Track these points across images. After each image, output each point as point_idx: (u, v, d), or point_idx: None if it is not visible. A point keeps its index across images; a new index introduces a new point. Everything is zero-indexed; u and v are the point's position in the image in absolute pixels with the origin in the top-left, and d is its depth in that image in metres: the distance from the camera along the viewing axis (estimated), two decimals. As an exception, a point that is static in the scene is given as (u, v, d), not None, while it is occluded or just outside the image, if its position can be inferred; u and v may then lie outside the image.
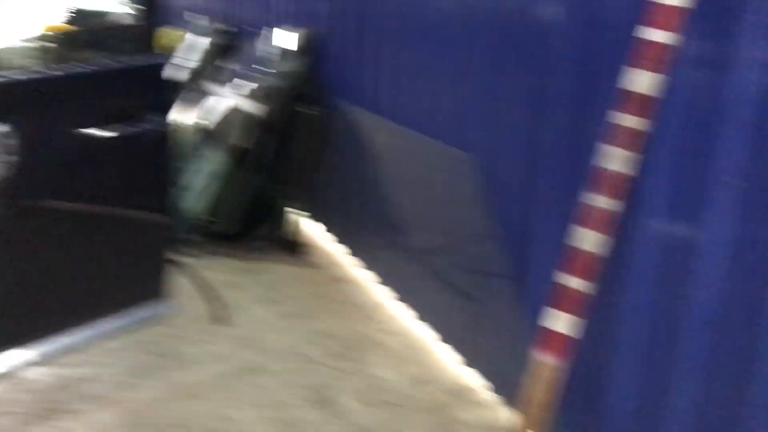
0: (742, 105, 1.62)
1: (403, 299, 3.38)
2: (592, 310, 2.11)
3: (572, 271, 1.81)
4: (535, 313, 2.19)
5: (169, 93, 2.28)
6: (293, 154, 3.98)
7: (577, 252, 1.82)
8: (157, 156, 2.27)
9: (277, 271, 3.88)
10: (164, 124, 2.25)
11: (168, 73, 5.58)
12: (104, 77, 2.17)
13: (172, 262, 2.46)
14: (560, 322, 1.83)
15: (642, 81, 1.70)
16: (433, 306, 3.10)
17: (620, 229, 1.93)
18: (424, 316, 3.20)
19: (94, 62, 2.21)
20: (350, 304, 3.53)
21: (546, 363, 1.84)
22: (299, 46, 3.95)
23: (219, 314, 3.31)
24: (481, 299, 2.71)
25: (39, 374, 2.71)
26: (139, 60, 2.24)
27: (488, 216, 2.57)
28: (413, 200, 3.18)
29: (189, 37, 5.74)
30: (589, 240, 1.79)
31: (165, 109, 2.26)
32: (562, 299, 1.84)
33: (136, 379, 2.79)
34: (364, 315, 3.41)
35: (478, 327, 2.77)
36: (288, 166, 4.02)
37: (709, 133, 1.70)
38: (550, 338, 1.84)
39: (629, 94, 1.74)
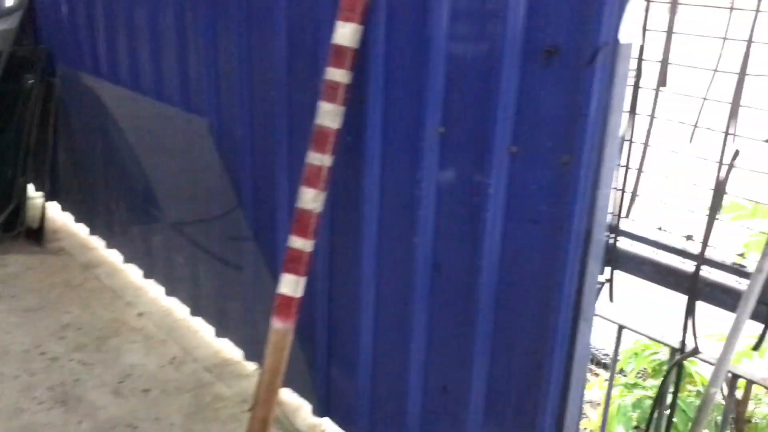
0: (438, 54, 1.65)
1: (152, 275, 3.18)
2: (330, 267, 2.11)
3: (295, 232, 1.76)
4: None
5: None
6: (19, 130, 3.55)
7: (298, 212, 1.78)
8: None
9: (16, 262, 3.47)
10: None
11: None
12: None
13: None
14: (286, 284, 1.78)
15: (343, 33, 1.66)
16: (183, 279, 2.94)
17: (344, 182, 1.92)
18: (175, 291, 3.03)
19: None
20: (103, 290, 3.25)
21: (276, 327, 1.78)
22: (11, 7, 3.51)
23: (-61, 320, 2.89)
24: (228, 266, 2.61)
25: None
26: None
27: (228, 181, 2.46)
28: (151, 170, 2.98)
29: None
30: (307, 198, 1.75)
31: None
32: (287, 261, 1.79)
33: None
34: (118, 300, 3.17)
35: (228, 295, 2.67)
36: (15, 143, 3.58)
37: (414, 83, 1.72)
38: (279, 302, 1.78)
39: (333, 48, 1.70)
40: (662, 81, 1.48)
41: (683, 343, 1.50)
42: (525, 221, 1.59)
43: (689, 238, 1.50)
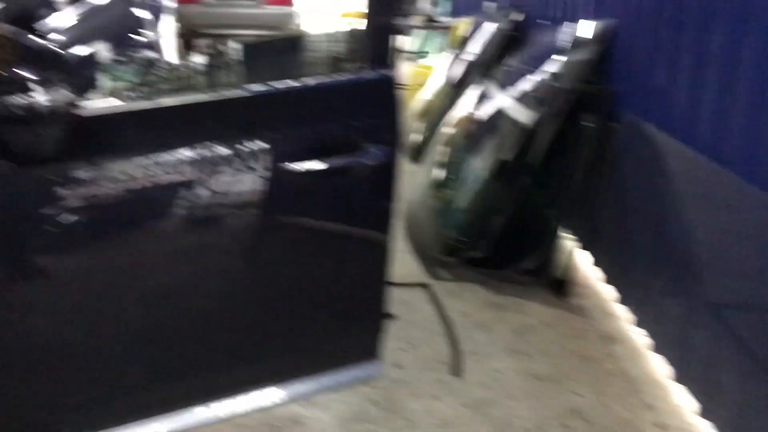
0: None
1: (683, 379, 2.54)
2: None
3: None
4: None
5: (398, 115, 1.79)
6: (568, 173, 3.31)
7: None
8: (375, 195, 1.81)
9: (534, 312, 3.27)
10: (390, 155, 1.78)
11: (448, 69, 5.22)
12: (318, 95, 1.77)
13: (388, 315, 1.99)
14: None
15: None
16: (723, 396, 2.23)
17: None
18: (710, 411, 2.34)
19: (307, 76, 1.80)
20: (619, 376, 2.79)
21: None
22: (589, 45, 3.24)
23: (454, 362, 2.83)
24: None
25: None
26: (363, 74, 1.79)
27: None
28: (706, 244, 2.36)
29: (478, 26, 5.32)
30: None
31: (392, 135, 1.79)
32: None
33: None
34: (635, 395, 2.66)
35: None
36: (560, 185, 3.36)
37: None
38: None
39: None
40: None
41: None
42: None
43: None
